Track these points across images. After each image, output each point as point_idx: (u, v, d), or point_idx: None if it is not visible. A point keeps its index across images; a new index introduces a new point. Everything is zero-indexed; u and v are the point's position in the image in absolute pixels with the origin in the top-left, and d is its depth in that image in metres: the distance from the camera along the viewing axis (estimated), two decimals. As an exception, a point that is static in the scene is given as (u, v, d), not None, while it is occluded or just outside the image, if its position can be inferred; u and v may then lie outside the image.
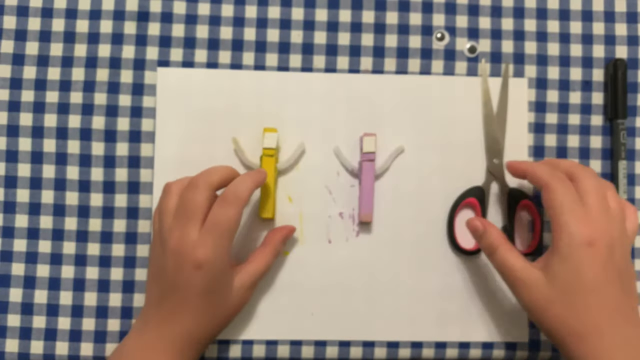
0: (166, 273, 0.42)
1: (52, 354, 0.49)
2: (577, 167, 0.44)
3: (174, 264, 0.42)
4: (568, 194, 0.42)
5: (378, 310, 0.50)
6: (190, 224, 0.42)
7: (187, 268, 0.41)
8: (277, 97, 0.51)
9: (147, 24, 0.51)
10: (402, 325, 0.50)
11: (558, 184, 0.42)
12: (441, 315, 0.50)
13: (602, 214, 0.41)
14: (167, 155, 0.50)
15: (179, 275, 0.42)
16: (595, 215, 0.41)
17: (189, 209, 0.42)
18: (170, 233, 0.42)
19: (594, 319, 0.40)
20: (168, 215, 0.43)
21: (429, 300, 0.50)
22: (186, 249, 0.41)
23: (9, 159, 0.50)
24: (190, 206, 0.42)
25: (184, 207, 0.42)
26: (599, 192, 0.42)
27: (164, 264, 0.42)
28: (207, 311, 0.43)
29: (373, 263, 0.50)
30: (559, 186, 0.42)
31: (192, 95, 0.50)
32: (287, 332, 0.49)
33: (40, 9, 0.51)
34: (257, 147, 0.50)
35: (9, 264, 0.49)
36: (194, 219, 0.42)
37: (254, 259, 0.46)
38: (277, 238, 0.47)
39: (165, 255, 0.42)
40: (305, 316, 0.49)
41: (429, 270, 0.50)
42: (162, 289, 0.43)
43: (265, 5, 0.51)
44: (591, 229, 0.40)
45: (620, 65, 0.51)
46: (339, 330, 0.49)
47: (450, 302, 0.50)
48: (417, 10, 0.52)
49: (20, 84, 0.50)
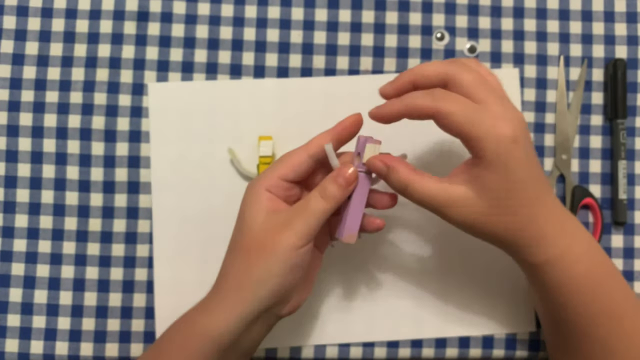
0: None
1: (52, 354, 0.49)
2: (443, 68, 0.39)
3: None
4: (462, 106, 0.38)
5: (379, 310, 0.50)
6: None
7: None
8: (274, 104, 0.50)
9: (147, 24, 0.51)
10: (402, 325, 0.50)
11: (446, 103, 0.38)
12: (442, 313, 0.50)
13: (501, 101, 0.38)
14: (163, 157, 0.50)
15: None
16: (499, 107, 0.38)
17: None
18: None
19: (537, 216, 0.39)
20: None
21: (430, 300, 0.50)
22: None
23: (9, 159, 0.50)
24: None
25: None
26: (482, 81, 0.39)
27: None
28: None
29: (376, 264, 0.50)
30: (447, 104, 0.38)
31: (185, 111, 0.50)
32: (289, 338, 0.49)
33: (40, 9, 0.51)
34: (254, 155, 0.50)
35: (9, 264, 0.49)
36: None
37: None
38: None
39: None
40: (308, 320, 0.49)
41: (430, 270, 0.50)
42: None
43: (265, 5, 0.51)
44: (509, 124, 0.37)
45: (620, 65, 0.51)
46: (342, 333, 0.49)
47: (452, 301, 0.50)
48: (417, 10, 0.52)
49: (20, 84, 0.50)
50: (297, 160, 0.40)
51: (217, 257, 0.49)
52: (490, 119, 0.37)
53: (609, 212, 0.51)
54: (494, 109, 0.37)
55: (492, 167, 0.37)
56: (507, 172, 0.37)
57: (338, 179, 0.39)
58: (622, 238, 0.51)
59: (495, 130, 0.37)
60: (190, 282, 0.50)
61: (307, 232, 0.38)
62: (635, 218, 0.51)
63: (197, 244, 0.50)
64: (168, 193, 0.50)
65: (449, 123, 0.38)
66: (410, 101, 0.39)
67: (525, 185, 0.38)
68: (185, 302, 0.49)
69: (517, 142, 0.37)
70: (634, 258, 0.51)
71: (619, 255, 0.51)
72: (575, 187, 0.51)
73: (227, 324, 0.38)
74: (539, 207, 0.39)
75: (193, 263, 0.50)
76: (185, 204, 0.50)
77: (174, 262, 0.50)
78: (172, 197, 0.50)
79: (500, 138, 0.37)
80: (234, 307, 0.39)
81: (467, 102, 0.38)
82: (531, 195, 0.39)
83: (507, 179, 0.37)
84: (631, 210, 0.51)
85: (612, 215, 0.51)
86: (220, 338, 0.39)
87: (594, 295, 0.40)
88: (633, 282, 0.51)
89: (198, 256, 0.50)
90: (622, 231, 0.51)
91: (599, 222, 0.50)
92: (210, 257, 0.50)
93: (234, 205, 0.43)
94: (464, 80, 0.38)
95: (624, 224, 0.51)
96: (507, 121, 0.37)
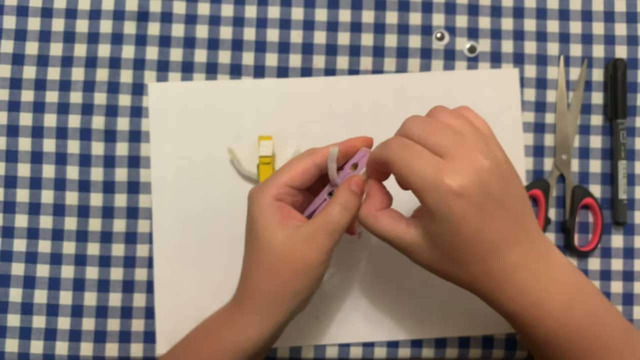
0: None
1: (52, 354, 0.49)
2: (400, 129, 0.38)
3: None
4: (405, 154, 0.35)
5: (379, 310, 0.50)
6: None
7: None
8: (274, 104, 0.50)
9: (147, 24, 0.51)
10: (403, 325, 0.50)
11: (390, 151, 0.36)
12: (442, 313, 0.50)
13: (456, 147, 0.35)
14: (163, 157, 0.50)
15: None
16: (457, 158, 0.34)
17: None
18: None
19: (493, 271, 0.36)
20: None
21: (431, 300, 0.50)
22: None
23: (9, 159, 0.50)
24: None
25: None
26: (430, 125, 0.36)
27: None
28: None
29: (376, 265, 0.50)
30: (391, 152, 0.36)
31: (185, 111, 0.50)
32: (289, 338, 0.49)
33: (40, 9, 0.51)
34: (254, 155, 0.50)
35: (9, 264, 0.49)
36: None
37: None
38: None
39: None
40: (308, 320, 0.49)
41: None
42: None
43: (265, 5, 0.51)
44: (456, 177, 0.34)
45: (620, 65, 0.51)
46: (342, 333, 0.49)
47: (452, 301, 0.50)
48: (417, 10, 0.52)
49: (20, 84, 0.50)
50: (303, 168, 0.40)
51: (217, 257, 0.50)
52: (433, 169, 0.34)
53: (609, 212, 0.51)
54: (448, 160, 0.34)
55: (435, 220, 0.35)
56: (450, 226, 0.35)
57: (353, 187, 0.39)
58: (622, 238, 0.51)
59: (435, 182, 0.34)
60: (190, 282, 0.50)
61: (332, 246, 0.39)
62: (635, 218, 0.51)
63: (197, 244, 0.50)
64: (168, 193, 0.50)
65: (393, 172, 0.36)
66: (374, 153, 0.38)
67: (475, 241, 0.35)
68: (185, 302, 0.49)
69: (463, 196, 0.34)
70: (634, 258, 0.51)
71: (619, 256, 0.51)
72: (575, 187, 0.51)
73: (259, 337, 0.40)
74: (495, 263, 0.36)
75: (193, 263, 0.50)
76: (185, 204, 0.50)
77: (174, 262, 0.50)
78: (172, 197, 0.50)
79: (440, 191, 0.34)
80: (268, 321, 0.40)
81: (413, 148, 0.35)
82: (484, 251, 0.36)
83: (451, 234, 0.35)
84: (631, 210, 0.51)
85: (612, 215, 0.51)
86: (252, 350, 0.40)
87: (569, 349, 0.37)
88: (633, 282, 0.51)
89: (198, 256, 0.50)
90: (622, 231, 0.51)
91: (599, 222, 0.50)
92: (210, 257, 0.50)
93: (234, 205, 0.43)
94: (414, 134, 0.36)
95: (624, 224, 0.51)
96: (456, 173, 0.34)
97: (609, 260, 0.51)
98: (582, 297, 0.37)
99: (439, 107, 0.38)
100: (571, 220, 0.50)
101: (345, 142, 0.41)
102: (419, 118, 0.37)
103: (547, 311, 0.37)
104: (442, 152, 0.35)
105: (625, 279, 0.51)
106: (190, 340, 0.42)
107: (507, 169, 0.36)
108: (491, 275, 0.36)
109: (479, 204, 0.34)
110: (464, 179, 0.34)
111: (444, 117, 0.36)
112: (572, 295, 0.37)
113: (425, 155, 0.35)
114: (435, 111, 0.37)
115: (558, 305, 0.37)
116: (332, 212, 0.39)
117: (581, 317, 0.37)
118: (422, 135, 0.35)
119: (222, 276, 0.49)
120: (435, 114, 0.37)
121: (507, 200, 0.36)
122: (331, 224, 0.39)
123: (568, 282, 0.37)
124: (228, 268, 0.49)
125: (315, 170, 0.40)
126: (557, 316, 0.37)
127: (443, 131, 0.36)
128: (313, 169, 0.40)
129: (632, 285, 0.51)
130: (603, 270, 0.51)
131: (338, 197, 0.39)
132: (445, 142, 0.35)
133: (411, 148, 0.35)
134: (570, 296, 0.37)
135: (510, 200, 0.36)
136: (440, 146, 0.35)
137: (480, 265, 0.36)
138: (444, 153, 0.35)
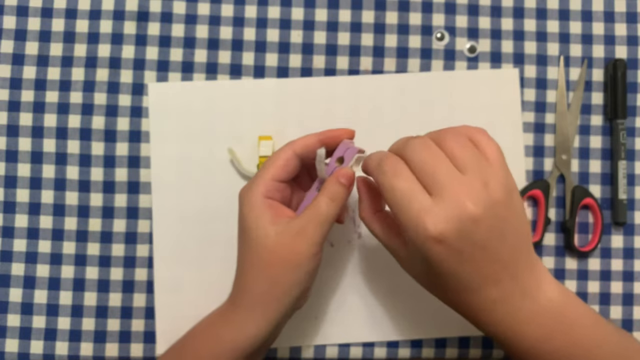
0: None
1: (52, 354, 0.49)
2: (397, 145, 0.38)
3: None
4: (396, 182, 0.35)
5: (379, 310, 0.50)
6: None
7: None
8: (274, 104, 0.50)
9: (147, 24, 0.51)
10: (403, 325, 0.50)
11: (382, 176, 0.36)
12: (442, 313, 0.50)
13: (449, 187, 0.34)
14: (163, 157, 0.50)
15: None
16: (439, 196, 0.34)
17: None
18: None
19: (473, 305, 0.37)
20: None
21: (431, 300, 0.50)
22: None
23: (9, 159, 0.50)
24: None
25: None
26: (430, 157, 0.35)
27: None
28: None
29: (376, 264, 0.50)
30: (383, 177, 0.36)
31: (185, 111, 0.50)
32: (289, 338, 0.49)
33: (40, 9, 0.51)
34: (254, 155, 0.50)
35: (9, 264, 0.49)
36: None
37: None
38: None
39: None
40: (308, 320, 0.49)
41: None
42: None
43: (265, 5, 0.51)
44: (437, 220, 0.33)
45: (620, 66, 0.51)
46: (342, 333, 0.49)
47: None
48: (417, 10, 0.52)
49: (20, 84, 0.50)
50: (285, 158, 0.41)
51: (217, 257, 0.50)
52: (417, 209, 0.34)
53: (609, 212, 0.51)
54: (436, 200, 0.34)
55: (415, 252, 0.36)
56: (429, 266, 0.35)
57: (341, 179, 0.40)
58: (622, 238, 0.51)
59: (416, 224, 0.34)
60: (190, 282, 0.50)
61: (322, 237, 0.40)
62: (635, 218, 0.51)
63: (197, 244, 0.50)
64: (168, 193, 0.50)
65: (385, 199, 0.36)
66: (365, 162, 0.39)
67: (452, 278, 0.36)
68: (185, 302, 0.49)
69: (442, 242, 0.34)
70: (634, 258, 0.51)
71: (619, 256, 0.51)
72: (575, 187, 0.51)
73: (257, 335, 0.40)
74: (474, 297, 0.37)
75: (193, 263, 0.50)
76: (185, 204, 0.50)
77: (174, 262, 0.50)
78: (172, 197, 0.50)
79: (419, 233, 0.34)
80: (264, 319, 0.40)
81: (408, 187, 0.35)
82: (460, 288, 0.36)
83: (429, 272, 0.37)
84: (631, 211, 0.51)
85: (612, 216, 0.51)
86: (250, 348, 0.41)
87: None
88: (633, 282, 0.51)
89: (198, 256, 0.50)
90: (622, 231, 0.51)
91: (599, 223, 0.50)
92: (210, 257, 0.50)
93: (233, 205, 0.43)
94: (412, 161, 0.35)
95: (624, 224, 0.51)
96: (438, 219, 0.33)
97: (609, 260, 0.51)
98: (564, 327, 0.37)
99: (450, 131, 0.36)
100: (571, 221, 0.50)
101: (325, 133, 0.42)
102: (423, 144, 0.36)
103: (524, 340, 0.37)
104: (434, 189, 0.34)
105: (625, 279, 0.51)
106: (189, 339, 0.43)
107: (504, 210, 0.35)
108: (470, 305, 0.37)
109: (458, 248, 0.34)
110: (445, 227, 0.33)
111: (450, 145, 0.35)
112: (554, 326, 0.37)
113: (414, 191, 0.34)
114: (445, 135, 0.36)
115: (537, 336, 0.37)
116: (320, 204, 0.39)
117: (560, 347, 0.37)
118: (419, 166, 0.35)
119: (222, 276, 0.49)
120: (443, 139, 0.36)
121: (491, 243, 0.35)
122: (319, 216, 0.39)
123: (552, 313, 0.37)
124: (228, 268, 0.48)
125: (296, 160, 0.41)
126: (534, 346, 0.37)
127: (441, 165, 0.35)
128: (294, 160, 0.41)
129: (632, 285, 0.51)
130: (603, 270, 0.51)
131: (325, 190, 0.40)
132: (440, 178, 0.34)
133: (403, 179, 0.35)
134: (551, 327, 0.37)
135: (494, 243, 0.35)
136: (433, 182, 0.34)
137: (457, 296, 0.37)
138: (434, 191, 0.34)
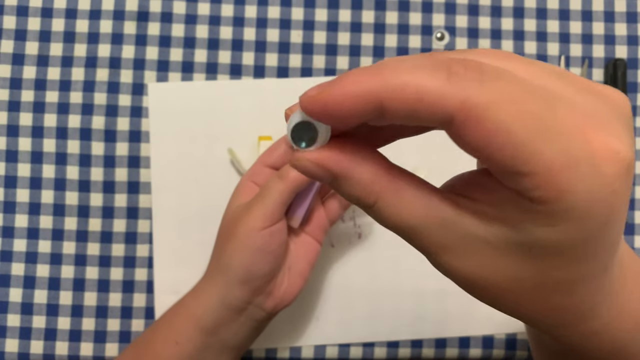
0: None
1: (52, 354, 0.49)
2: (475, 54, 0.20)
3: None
4: (516, 96, 0.18)
5: (379, 310, 0.50)
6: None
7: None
8: (274, 104, 0.50)
9: (147, 24, 0.51)
10: (403, 325, 0.50)
11: (480, 88, 0.18)
12: (442, 313, 0.50)
13: (590, 92, 0.19)
14: (163, 157, 0.50)
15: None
16: (587, 104, 0.19)
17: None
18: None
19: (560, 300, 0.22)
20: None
21: (431, 300, 0.50)
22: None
23: (9, 158, 0.50)
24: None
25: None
26: (539, 67, 0.20)
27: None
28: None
29: (376, 265, 0.50)
30: (484, 90, 0.18)
31: (185, 111, 0.50)
32: (289, 338, 0.49)
33: (40, 8, 0.51)
34: (254, 155, 0.50)
35: (9, 264, 0.49)
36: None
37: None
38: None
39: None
40: (308, 320, 0.49)
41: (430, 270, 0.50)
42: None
43: (265, 5, 0.51)
44: (615, 133, 0.18)
45: (620, 65, 0.51)
46: (342, 333, 0.49)
47: (452, 301, 0.50)
48: (417, 10, 0.52)
49: (20, 83, 0.50)
50: (274, 145, 0.43)
51: (217, 257, 0.50)
52: (580, 128, 0.18)
53: (609, 212, 0.51)
54: (578, 106, 0.18)
55: (559, 220, 0.18)
56: (586, 254, 0.20)
57: (293, 161, 0.38)
58: (622, 238, 0.51)
59: (586, 146, 0.18)
60: (190, 282, 0.49)
61: (264, 213, 0.39)
62: (635, 218, 0.51)
63: (197, 244, 0.50)
64: (168, 193, 0.50)
65: (487, 135, 0.18)
66: (396, 78, 0.18)
67: (574, 267, 0.20)
68: (185, 302, 0.49)
69: (627, 174, 0.19)
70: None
71: (619, 255, 0.51)
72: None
73: (206, 305, 0.40)
74: (585, 289, 0.22)
75: (193, 263, 0.50)
76: (185, 204, 0.50)
77: (174, 262, 0.50)
78: (172, 197, 0.50)
79: (595, 160, 0.18)
80: (212, 289, 0.41)
81: (524, 87, 0.18)
82: (576, 278, 0.21)
83: (578, 269, 0.20)
84: (631, 210, 0.51)
85: (612, 215, 0.51)
86: (202, 318, 0.40)
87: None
88: (633, 282, 0.51)
89: (198, 256, 0.50)
90: (622, 231, 0.51)
91: None
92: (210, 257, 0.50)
93: (234, 205, 0.43)
94: (519, 62, 0.20)
95: (624, 224, 0.51)
96: (617, 130, 0.19)
97: (609, 260, 0.51)
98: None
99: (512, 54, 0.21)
100: None
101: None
102: (537, 68, 0.20)
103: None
104: (564, 92, 0.19)
105: (625, 279, 0.51)
106: (165, 315, 0.44)
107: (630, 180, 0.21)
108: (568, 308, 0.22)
109: (626, 195, 0.19)
110: (621, 145, 0.18)
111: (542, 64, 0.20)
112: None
113: (548, 102, 0.18)
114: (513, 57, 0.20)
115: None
116: (269, 181, 0.40)
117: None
118: (550, 78, 0.19)
119: (222, 276, 0.49)
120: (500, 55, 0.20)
121: (621, 213, 0.20)
122: (264, 191, 0.39)
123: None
124: (228, 268, 0.49)
125: (292, 197, 0.40)
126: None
127: (540, 68, 0.20)
128: (290, 199, 0.40)
129: (632, 285, 0.51)
130: (603, 270, 0.51)
131: (280, 171, 0.40)
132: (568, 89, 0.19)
133: (533, 93, 0.18)
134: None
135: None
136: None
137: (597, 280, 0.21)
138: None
